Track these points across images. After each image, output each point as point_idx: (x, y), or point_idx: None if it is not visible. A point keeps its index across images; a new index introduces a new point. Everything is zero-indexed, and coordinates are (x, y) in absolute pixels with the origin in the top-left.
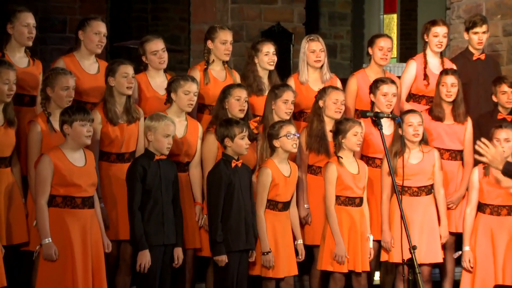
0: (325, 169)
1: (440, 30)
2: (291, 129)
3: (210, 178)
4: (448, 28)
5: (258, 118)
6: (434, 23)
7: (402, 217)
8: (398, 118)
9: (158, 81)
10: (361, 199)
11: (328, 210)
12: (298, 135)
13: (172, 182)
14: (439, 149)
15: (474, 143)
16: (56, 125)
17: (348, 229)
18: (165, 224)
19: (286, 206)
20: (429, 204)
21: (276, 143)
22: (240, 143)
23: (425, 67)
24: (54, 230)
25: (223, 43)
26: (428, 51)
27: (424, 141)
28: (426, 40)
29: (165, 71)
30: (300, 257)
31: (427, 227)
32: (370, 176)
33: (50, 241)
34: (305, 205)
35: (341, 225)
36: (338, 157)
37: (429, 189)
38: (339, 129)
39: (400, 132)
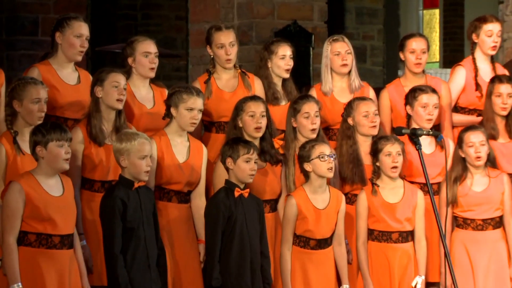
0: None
1: (494, 28)
2: (325, 149)
3: (207, 210)
4: (502, 26)
5: (283, 135)
6: (485, 19)
7: (446, 255)
8: (440, 136)
9: (143, 92)
10: (401, 233)
11: (356, 246)
12: (334, 157)
13: (152, 213)
14: None
15: None
16: (24, 146)
17: (381, 270)
18: (151, 266)
19: (322, 244)
20: (497, 240)
21: (307, 166)
22: (243, 166)
23: (475, 75)
24: (24, 275)
25: (220, 47)
26: (478, 55)
27: (490, 162)
28: (476, 41)
29: (151, 81)
30: None
31: (495, 268)
32: None
33: (21, 287)
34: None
35: (371, 265)
36: (373, 184)
37: (497, 222)
38: (373, 151)
39: (460, 153)
